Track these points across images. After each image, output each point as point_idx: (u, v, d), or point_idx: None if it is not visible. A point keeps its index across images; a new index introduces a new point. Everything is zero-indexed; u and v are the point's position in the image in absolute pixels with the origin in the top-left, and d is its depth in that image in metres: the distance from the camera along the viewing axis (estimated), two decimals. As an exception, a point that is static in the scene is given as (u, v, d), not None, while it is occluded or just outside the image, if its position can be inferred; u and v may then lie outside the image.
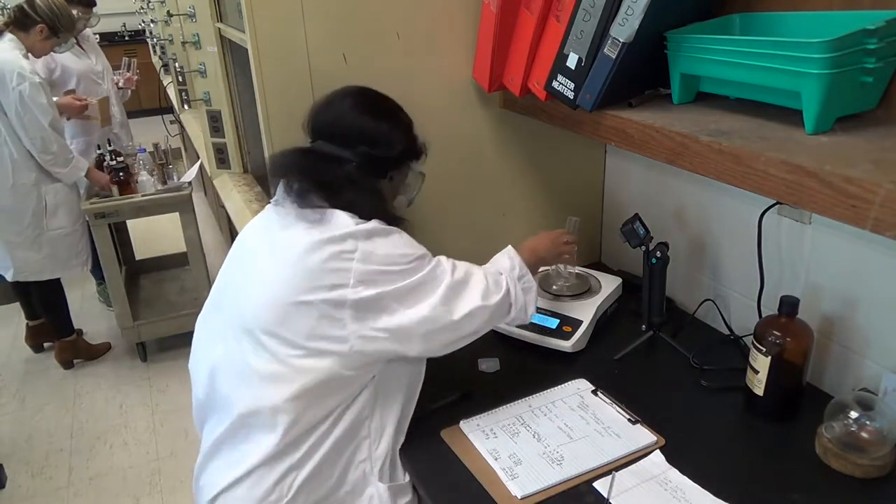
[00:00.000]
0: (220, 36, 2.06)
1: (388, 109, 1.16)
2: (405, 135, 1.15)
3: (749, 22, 1.07)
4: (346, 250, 1.03)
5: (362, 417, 1.10)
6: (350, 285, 1.01)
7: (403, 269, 1.05)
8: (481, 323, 1.11)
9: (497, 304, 1.12)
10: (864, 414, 1.05)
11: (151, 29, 4.22)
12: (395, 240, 1.07)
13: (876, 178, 0.73)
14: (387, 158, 1.12)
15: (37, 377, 3.05)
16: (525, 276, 1.19)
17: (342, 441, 1.08)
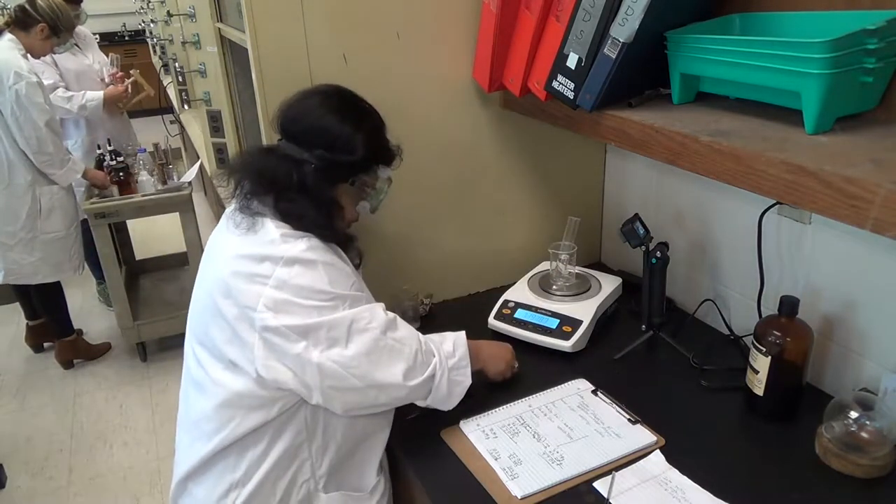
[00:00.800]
0: (220, 36, 2.06)
1: (356, 111, 1.10)
2: (371, 138, 1.08)
3: (749, 22, 1.07)
4: (261, 273, 0.98)
5: (299, 441, 1.07)
6: (258, 310, 0.97)
7: (318, 307, 0.98)
8: (392, 400, 1.05)
9: (414, 386, 1.04)
10: (864, 414, 1.05)
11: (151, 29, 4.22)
12: (319, 273, 1.00)
13: (876, 178, 0.73)
14: (348, 163, 1.06)
15: (37, 377, 3.05)
16: (462, 370, 1.11)
17: (282, 462, 1.06)
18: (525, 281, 1.55)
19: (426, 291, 1.58)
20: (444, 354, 1.09)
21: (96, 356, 3.15)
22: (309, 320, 0.97)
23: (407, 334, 1.06)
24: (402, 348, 1.04)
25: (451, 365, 1.09)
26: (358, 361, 0.99)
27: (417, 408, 1.20)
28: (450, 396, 1.10)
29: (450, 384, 1.09)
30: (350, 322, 0.99)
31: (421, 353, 1.06)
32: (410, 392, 1.05)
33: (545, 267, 1.57)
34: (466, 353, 1.12)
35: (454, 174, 1.55)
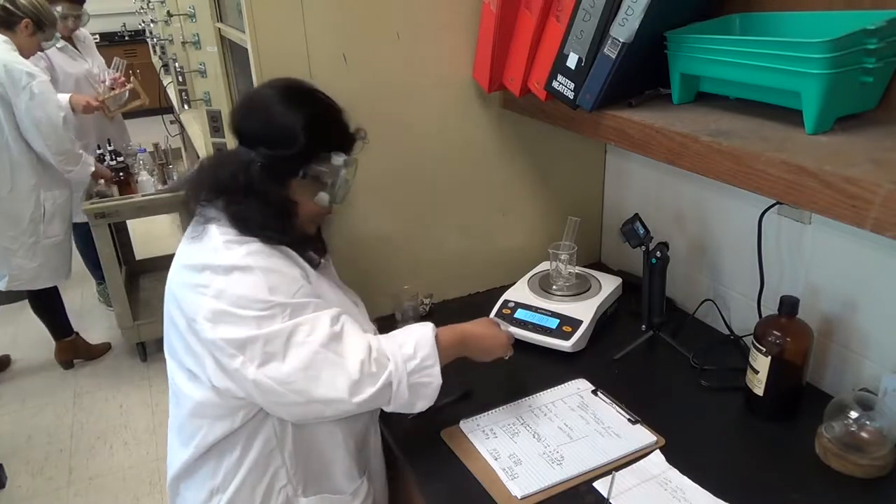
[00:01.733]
0: (220, 36, 2.06)
1: (294, 101, 1.03)
2: (312, 126, 1.01)
3: (749, 22, 1.07)
4: (202, 283, 0.96)
5: (270, 447, 1.06)
6: (199, 321, 0.95)
7: (255, 317, 0.93)
8: (340, 413, 0.98)
9: (363, 402, 0.96)
10: (864, 414, 1.04)
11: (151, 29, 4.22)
12: (256, 280, 0.95)
13: (876, 178, 0.73)
14: (291, 156, 1.00)
15: (37, 377, 3.05)
16: (427, 370, 1.01)
17: (257, 468, 1.06)
18: (525, 281, 1.55)
19: (426, 291, 1.58)
20: (403, 358, 1.00)
21: (96, 356, 3.15)
22: (245, 333, 0.93)
23: (353, 345, 0.98)
24: (343, 362, 0.96)
25: (410, 368, 1.00)
26: (295, 377, 0.93)
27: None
28: (417, 399, 1.02)
29: (413, 389, 1.00)
30: (288, 334, 0.94)
31: (369, 364, 0.97)
32: (360, 407, 0.97)
33: (545, 267, 1.57)
34: (432, 352, 1.02)
35: (454, 174, 1.55)
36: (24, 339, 3.34)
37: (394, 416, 1.22)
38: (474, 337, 1.13)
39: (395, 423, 1.22)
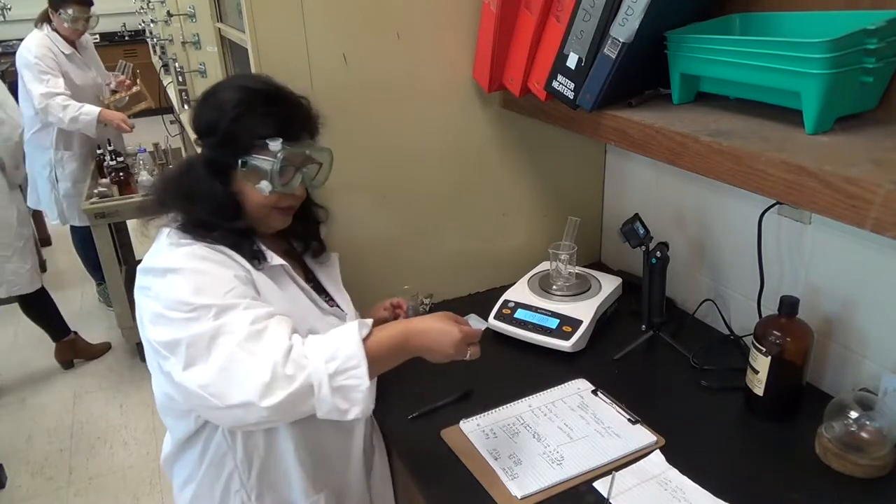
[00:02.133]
0: (220, 36, 2.06)
1: (225, 91, 1.02)
2: (238, 114, 0.99)
3: (749, 22, 1.07)
4: (145, 286, 0.97)
5: (223, 451, 1.07)
6: (143, 323, 0.97)
7: (182, 319, 0.92)
8: (260, 420, 0.90)
9: (274, 407, 0.88)
10: (864, 414, 1.04)
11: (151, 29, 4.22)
12: (185, 282, 0.94)
13: (876, 178, 0.73)
14: (224, 148, 1.00)
15: (37, 377, 3.05)
16: (350, 372, 0.91)
17: (213, 468, 1.09)
18: (525, 281, 1.55)
19: (426, 291, 1.58)
20: (324, 359, 0.91)
21: (96, 356, 3.16)
22: (172, 335, 0.92)
23: (270, 345, 0.91)
24: (256, 362, 0.89)
25: (332, 370, 0.90)
26: (213, 380, 0.90)
27: (417, 407, 1.21)
28: (348, 405, 0.92)
29: (338, 393, 0.91)
30: (210, 337, 0.91)
31: (284, 365, 0.89)
32: (272, 412, 0.89)
33: (545, 267, 1.57)
34: (357, 351, 0.92)
35: (454, 174, 1.55)
36: (24, 338, 3.34)
37: (394, 416, 1.23)
38: (416, 333, 1.00)
39: (395, 423, 1.22)
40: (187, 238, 0.99)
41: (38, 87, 2.91)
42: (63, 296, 3.76)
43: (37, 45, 2.95)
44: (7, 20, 6.39)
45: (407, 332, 1.00)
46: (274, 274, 1.07)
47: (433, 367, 1.16)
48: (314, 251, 1.20)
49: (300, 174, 1.05)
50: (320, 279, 1.21)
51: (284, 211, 1.07)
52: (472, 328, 1.04)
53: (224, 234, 1.01)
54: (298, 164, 1.05)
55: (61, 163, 3.16)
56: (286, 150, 1.00)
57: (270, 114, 1.01)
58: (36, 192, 3.27)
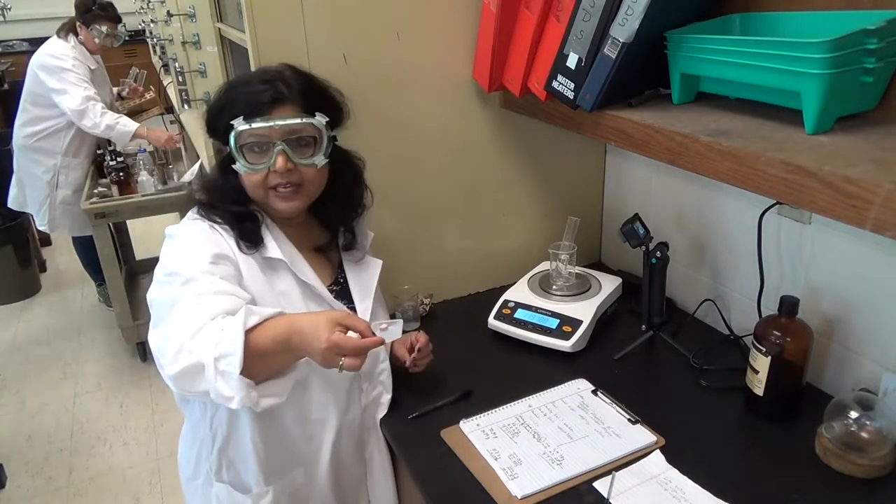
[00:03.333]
0: (220, 36, 2.06)
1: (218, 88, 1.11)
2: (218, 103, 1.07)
3: (749, 22, 1.07)
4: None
5: (196, 420, 1.15)
6: None
7: (161, 281, 1.02)
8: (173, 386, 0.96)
9: (176, 374, 0.92)
10: (864, 414, 1.04)
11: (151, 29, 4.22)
12: (170, 246, 1.05)
13: (876, 178, 0.73)
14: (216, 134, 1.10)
15: (37, 377, 3.05)
16: (227, 358, 0.88)
17: (191, 432, 1.18)
18: (525, 281, 1.55)
19: (426, 291, 1.58)
20: (212, 342, 0.90)
21: None
22: (150, 295, 1.02)
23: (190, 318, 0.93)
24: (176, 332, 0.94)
25: (216, 355, 0.89)
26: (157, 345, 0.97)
27: (417, 407, 1.21)
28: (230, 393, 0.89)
29: (219, 377, 0.89)
30: (170, 303, 0.98)
31: (192, 340, 0.91)
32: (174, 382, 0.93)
33: (545, 267, 1.57)
34: (236, 338, 0.89)
35: (454, 174, 1.55)
36: (24, 338, 3.34)
37: (394, 416, 1.23)
38: (296, 331, 0.92)
39: (395, 423, 1.22)
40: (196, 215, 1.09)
41: (77, 89, 2.93)
42: (63, 296, 3.77)
43: (69, 55, 2.98)
44: (7, 20, 6.38)
45: (290, 328, 0.92)
46: (270, 266, 1.09)
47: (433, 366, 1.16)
48: (346, 243, 1.21)
49: (277, 148, 1.03)
50: (350, 280, 1.20)
51: (283, 194, 1.07)
52: (352, 339, 0.90)
53: (223, 213, 1.08)
54: (275, 139, 1.03)
55: (66, 169, 3.14)
56: (246, 126, 1.02)
57: (239, 94, 1.05)
58: (23, 194, 3.24)
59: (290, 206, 1.09)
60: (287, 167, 1.04)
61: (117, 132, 2.98)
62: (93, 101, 2.94)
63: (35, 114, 3.05)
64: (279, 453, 1.14)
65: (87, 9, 3.01)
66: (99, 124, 2.94)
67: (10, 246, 3.60)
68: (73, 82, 2.93)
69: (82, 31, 3.04)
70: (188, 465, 1.20)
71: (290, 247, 1.12)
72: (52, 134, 3.07)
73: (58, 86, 2.94)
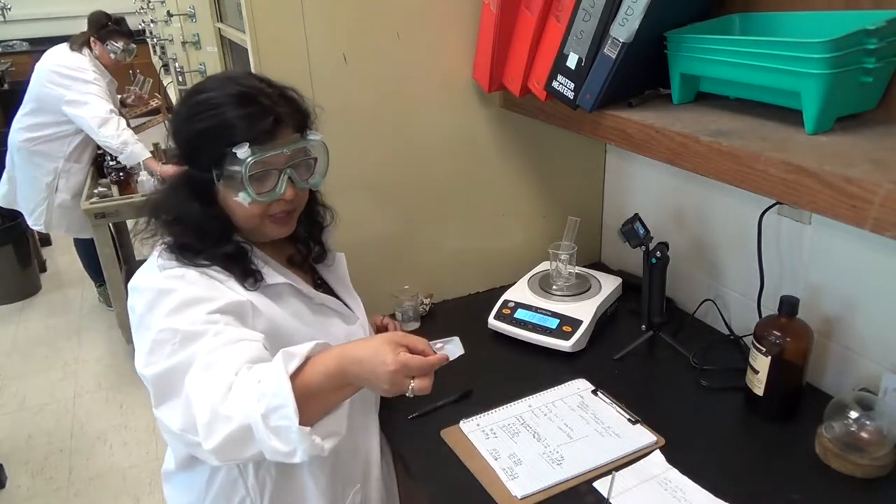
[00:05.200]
0: (220, 36, 2.06)
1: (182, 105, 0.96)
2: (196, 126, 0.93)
3: (749, 22, 1.07)
4: (132, 306, 0.94)
5: (233, 477, 1.03)
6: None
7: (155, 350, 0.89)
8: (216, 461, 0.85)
9: (218, 446, 0.81)
10: (864, 414, 1.04)
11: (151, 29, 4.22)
12: (165, 306, 0.89)
13: (876, 178, 0.73)
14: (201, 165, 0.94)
15: (37, 377, 3.05)
16: (279, 411, 0.80)
17: (223, 494, 1.05)
18: (525, 281, 1.55)
19: (426, 291, 1.58)
20: (254, 398, 0.81)
21: None
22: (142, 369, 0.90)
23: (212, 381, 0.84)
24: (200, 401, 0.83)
25: (262, 411, 0.80)
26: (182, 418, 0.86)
27: (417, 408, 1.21)
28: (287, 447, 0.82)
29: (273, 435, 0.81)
30: (171, 373, 0.87)
31: (224, 404, 0.82)
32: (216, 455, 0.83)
33: (545, 267, 1.57)
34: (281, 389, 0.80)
35: (454, 174, 1.55)
36: (24, 338, 3.34)
37: (394, 416, 1.23)
38: (352, 361, 0.85)
39: (395, 423, 1.22)
40: (174, 261, 0.95)
41: (101, 103, 2.93)
42: (63, 296, 3.77)
43: (90, 69, 2.99)
44: (7, 20, 6.38)
45: (342, 360, 0.85)
46: (275, 292, 1.02)
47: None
48: (316, 256, 1.15)
49: (285, 175, 0.97)
50: (329, 282, 1.18)
51: (280, 219, 1.00)
52: (419, 357, 0.85)
53: (212, 257, 0.96)
54: (281, 166, 0.96)
55: (67, 174, 3.15)
56: (257, 154, 0.92)
57: (236, 118, 0.92)
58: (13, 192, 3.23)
59: (285, 231, 1.03)
60: (295, 193, 0.99)
61: (129, 152, 2.93)
62: (115, 114, 2.95)
63: (40, 119, 3.04)
64: (337, 475, 1.10)
65: (103, 25, 3.02)
66: (118, 136, 2.91)
67: (10, 246, 3.60)
68: (96, 95, 2.93)
69: (97, 47, 3.05)
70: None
71: (278, 266, 1.05)
72: (56, 139, 3.07)
73: (78, 98, 2.92)
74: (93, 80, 2.95)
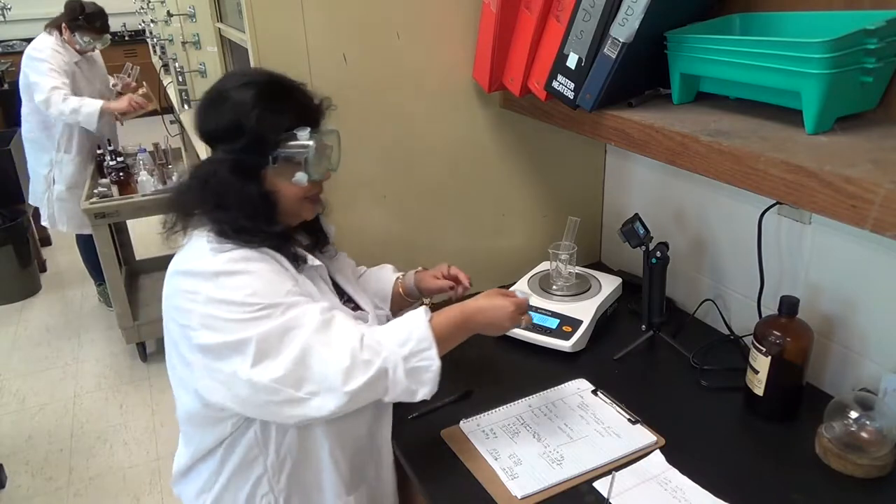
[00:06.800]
0: (220, 36, 2.06)
1: (237, 89, 0.99)
2: (264, 108, 0.98)
3: (749, 22, 1.07)
4: (190, 290, 0.95)
5: (253, 455, 1.05)
6: (191, 328, 0.94)
7: (247, 320, 0.92)
8: (337, 409, 0.94)
9: (356, 391, 0.93)
10: (864, 414, 1.05)
11: (151, 29, 4.22)
12: (244, 282, 0.94)
13: (876, 178, 0.73)
14: (251, 146, 0.98)
15: (37, 377, 3.05)
16: (423, 353, 0.97)
17: (238, 474, 1.06)
18: (525, 281, 1.55)
19: (426, 291, 1.58)
20: (397, 343, 0.97)
21: None
22: (238, 335, 0.92)
23: (343, 333, 0.96)
24: (333, 350, 0.94)
25: (405, 353, 0.96)
26: (288, 371, 0.92)
27: (417, 408, 1.21)
28: (417, 386, 0.98)
29: (411, 374, 0.97)
30: (281, 331, 0.93)
31: (361, 351, 0.95)
32: (352, 397, 0.93)
33: (545, 267, 1.57)
34: (426, 334, 0.98)
35: (454, 174, 1.55)
36: (25, 338, 3.34)
37: (394, 416, 1.22)
38: (474, 311, 1.07)
39: (395, 423, 1.22)
40: (229, 243, 0.97)
41: (46, 80, 2.95)
42: (63, 296, 3.77)
43: (48, 47, 3.01)
44: (7, 20, 6.39)
45: (465, 313, 1.06)
46: (312, 273, 1.08)
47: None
48: (321, 243, 1.19)
49: (326, 159, 1.06)
50: (336, 279, 1.20)
51: (315, 200, 1.08)
52: (520, 298, 1.11)
53: (265, 237, 1.00)
54: (324, 150, 1.05)
55: (60, 164, 3.19)
56: (315, 136, 1.01)
57: (290, 105, 1.01)
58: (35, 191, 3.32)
59: (318, 210, 1.11)
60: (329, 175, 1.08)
61: (84, 115, 2.97)
62: (57, 89, 2.96)
63: (27, 109, 3.12)
64: (355, 463, 1.12)
65: (74, 17, 3.05)
66: (64, 110, 2.95)
67: (10, 246, 3.60)
68: (43, 73, 2.96)
69: (66, 33, 3.08)
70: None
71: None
72: (44, 128, 3.13)
73: (33, 79, 2.99)
74: (45, 58, 2.98)
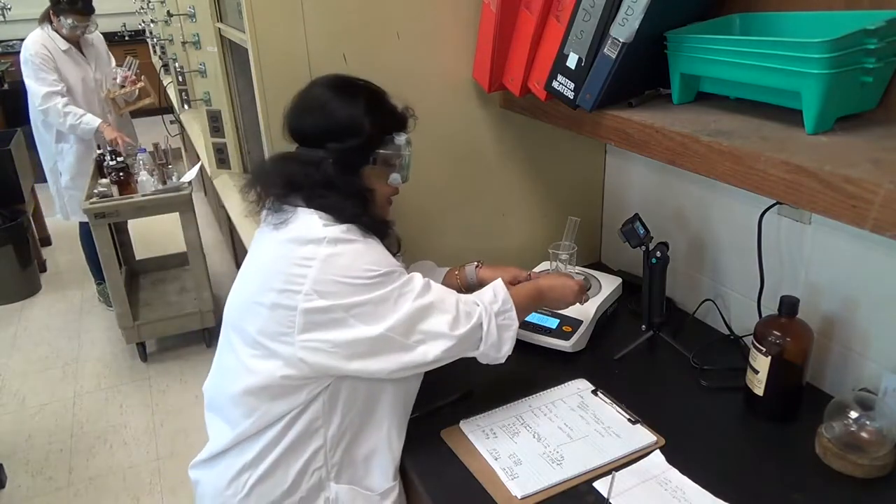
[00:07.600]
0: (220, 36, 2.06)
1: (349, 92, 1.10)
2: (372, 113, 1.08)
3: (749, 22, 1.07)
4: (306, 256, 1.00)
5: (315, 427, 1.07)
6: (303, 292, 0.99)
7: (365, 284, 1.00)
8: (441, 353, 1.04)
9: (463, 336, 1.05)
10: (864, 414, 1.05)
11: (151, 29, 4.22)
12: (361, 250, 1.03)
13: (876, 178, 0.73)
14: (360, 145, 1.07)
15: (37, 377, 3.05)
16: (507, 313, 1.11)
17: (294, 447, 1.07)
18: (525, 281, 1.55)
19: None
20: (488, 301, 1.10)
21: None
22: (355, 298, 0.99)
23: (441, 290, 1.08)
24: (441, 303, 1.05)
25: (495, 310, 1.09)
26: (402, 321, 1.01)
27: (417, 408, 1.21)
28: (501, 342, 1.10)
29: (499, 330, 1.09)
30: (397, 294, 1.01)
31: (462, 303, 1.07)
32: (459, 342, 1.04)
33: (545, 267, 1.57)
34: (508, 297, 1.12)
35: (454, 174, 1.55)
36: (25, 338, 3.34)
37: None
38: (548, 288, 1.24)
39: (395, 423, 1.22)
40: (335, 224, 1.04)
41: (38, 86, 3.04)
42: (63, 296, 3.77)
43: (33, 43, 3.07)
44: (7, 20, 6.38)
45: (540, 289, 1.23)
46: None
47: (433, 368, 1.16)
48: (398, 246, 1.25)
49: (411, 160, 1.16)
50: None
51: (392, 201, 1.19)
52: (580, 280, 1.29)
53: (371, 221, 1.09)
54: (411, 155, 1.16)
55: (61, 155, 3.28)
56: (408, 141, 1.13)
57: (390, 109, 1.12)
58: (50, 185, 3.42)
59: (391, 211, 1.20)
60: None
61: (81, 130, 3.11)
62: (52, 96, 3.03)
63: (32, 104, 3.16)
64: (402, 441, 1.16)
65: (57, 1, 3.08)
66: (63, 124, 3.09)
67: (10, 246, 3.60)
68: (31, 76, 3.03)
69: (54, 20, 3.12)
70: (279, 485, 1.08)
71: None
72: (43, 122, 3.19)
73: (26, 83, 3.06)
74: (28, 59, 3.03)
